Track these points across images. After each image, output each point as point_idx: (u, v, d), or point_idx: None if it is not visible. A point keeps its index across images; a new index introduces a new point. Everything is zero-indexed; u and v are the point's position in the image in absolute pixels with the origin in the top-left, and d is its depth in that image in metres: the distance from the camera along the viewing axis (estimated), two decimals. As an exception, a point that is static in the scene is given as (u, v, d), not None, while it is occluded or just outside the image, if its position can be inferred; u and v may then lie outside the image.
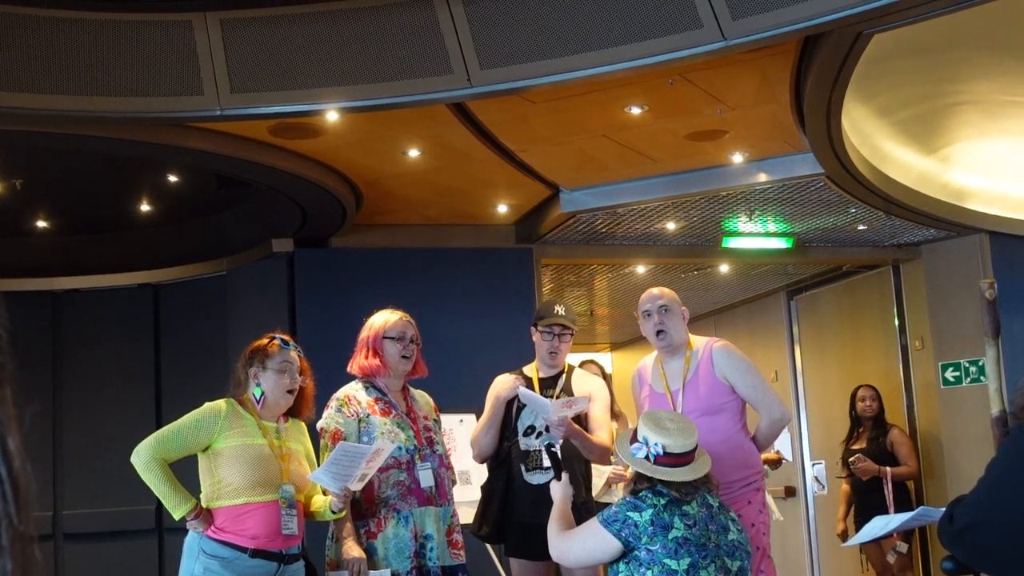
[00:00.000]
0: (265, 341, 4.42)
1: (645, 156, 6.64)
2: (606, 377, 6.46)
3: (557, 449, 4.75)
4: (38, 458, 7.81)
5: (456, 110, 5.74)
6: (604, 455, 5.18)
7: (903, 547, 7.70)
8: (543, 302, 5.44)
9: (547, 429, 5.02)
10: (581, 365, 6.08)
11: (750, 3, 4.71)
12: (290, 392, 4.36)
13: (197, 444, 4.22)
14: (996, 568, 2.47)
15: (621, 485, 6.25)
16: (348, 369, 4.71)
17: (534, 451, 5.05)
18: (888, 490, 7.74)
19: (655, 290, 4.96)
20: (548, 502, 4.79)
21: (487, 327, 7.44)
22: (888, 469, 7.77)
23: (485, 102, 5.59)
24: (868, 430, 8.12)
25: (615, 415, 6.19)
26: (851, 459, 7.87)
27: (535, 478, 5.04)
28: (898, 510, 7.64)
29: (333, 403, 4.63)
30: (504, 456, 5.14)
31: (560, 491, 4.12)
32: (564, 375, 5.23)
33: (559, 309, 5.20)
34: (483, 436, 5.15)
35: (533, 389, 5.15)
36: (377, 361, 4.64)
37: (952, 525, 2.36)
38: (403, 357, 4.65)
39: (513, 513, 5.07)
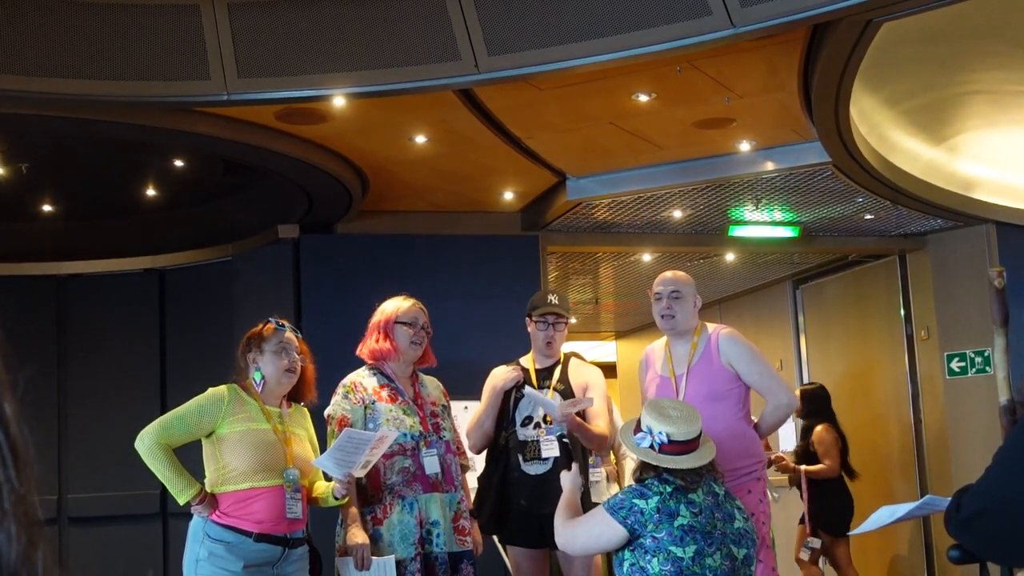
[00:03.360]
0: (260, 326, 4.43)
1: (652, 144, 6.62)
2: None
3: (567, 439, 4.78)
4: (43, 443, 7.84)
5: (463, 96, 5.73)
6: (602, 444, 5.21)
7: (816, 543, 7.75)
8: (537, 293, 5.46)
9: (545, 419, 5.05)
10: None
11: (759, -10, 4.69)
12: (291, 372, 4.36)
13: (200, 430, 4.23)
14: (1004, 556, 2.47)
15: (604, 481, 6.27)
16: (357, 352, 4.71)
17: (532, 441, 5.07)
18: (803, 488, 7.80)
19: (670, 274, 4.97)
20: (545, 492, 4.82)
21: (492, 315, 7.44)
22: (803, 468, 7.82)
23: (492, 88, 5.58)
24: (803, 429, 8.20)
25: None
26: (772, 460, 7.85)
27: (533, 468, 5.06)
28: (818, 508, 7.71)
29: (340, 390, 4.65)
30: (502, 447, 5.16)
31: (570, 480, 4.12)
32: (561, 365, 5.25)
33: (552, 298, 5.23)
34: (480, 427, 5.18)
35: (531, 380, 5.19)
36: (388, 344, 4.65)
37: (959, 513, 2.35)
38: (413, 343, 4.66)
39: (511, 502, 5.09)
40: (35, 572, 0.83)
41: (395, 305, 4.73)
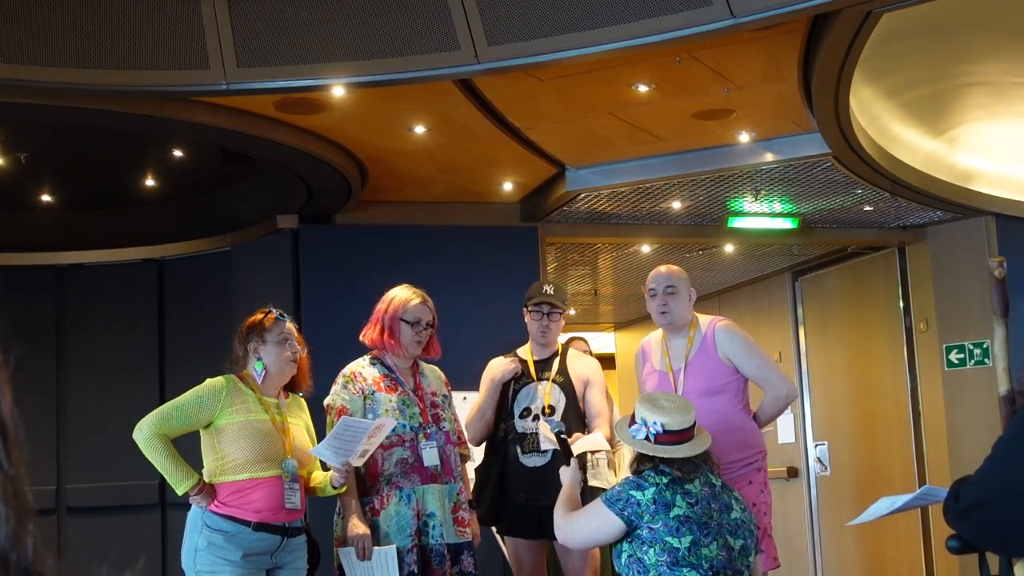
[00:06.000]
0: (260, 315, 4.42)
1: (651, 135, 6.61)
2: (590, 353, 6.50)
3: (566, 435, 4.79)
4: (41, 432, 7.84)
5: (463, 87, 5.73)
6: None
7: None
8: (533, 283, 5.48)
9: (544, 412, 5.07)
10: (569, 342, 6.13)
11: (759, -19, 4.68)
12: (293, 362, 4.36)
13: (199, 421, 4.23)
14: (1002, 546, 2.47)
15: (604, 464, 6.29)
16: (360, 337, 4.70)
17: (530, 434, 5.07)
18: None
19: (664, 269, 4.96)
20: (544, 484, 4.83)
21: (491, 305, 7.43)
22: None
23: (492, 79, 5.57)
24: None
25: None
26: None
27: (531, 460, 5.07)
28: None
29: (340, 379, 4.64)
30: (500, 439, 5.17)
31: (569, 476, 4.13)
32: (558, 357, 5.26)
33: (547, 289, 5.25)
34: (481, 417, 5.18)
35: (528, 371, 5.21)
36: (391, 340, 4.63)
37: (958, 504, 2.36)
38: (415, 341, 4.64)
39: (509, 494, 5.10)
40: (25, 554, 0.82)
41: (402, 300, 4.68)
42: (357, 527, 4.36)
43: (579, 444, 4.78)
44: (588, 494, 4.62)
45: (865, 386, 9.34)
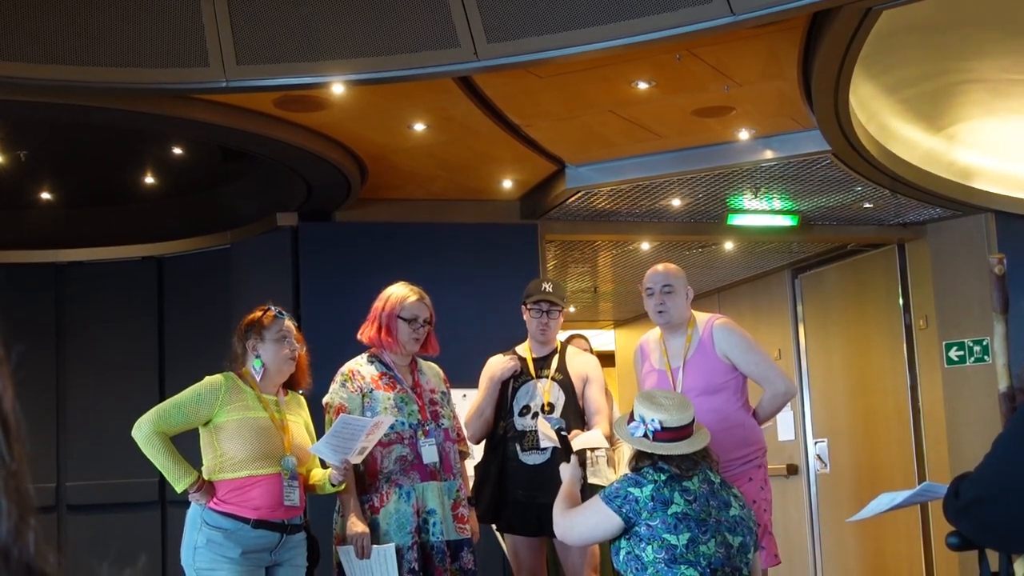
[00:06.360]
0: (259, 313, 4.42)
1: (651, 132, 6.61)
2: (591, 352, 6.50)
3: (566, 433, 4.79)
4: (41, 430, 7.84)
5: (462, 84, 5.72)
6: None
7: None
8: (532, 281, 5.47)
9: (543, 409, 5.07)
10: (569, 340, 6.13)
11: (759, -22, 4.68)
12: (292, 360, 4.36)
13: (198, 418, 4.23)
14: (1002, 543, 2.47)
15: (604, 462, 6.30)
16: (358, 335, 4.70)
17: (530, 432, 5.07)
18: None
19: (660, 268, 4.95)
20: (543, 481, 4.83)
21: (491, 303, 7.43)
22: None
23: (492, 76, 5.56)
24: None
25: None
26: None
27: (530, 458, 5.06)
28: None
29: (338, 378, 4.64)
30: (499, 436, 5.16)
31: (569, 473, 4.13)
32: (557, 354, 5.25)
33: (546, 286, 5.25)
34: (480, 415, 5.18)
35: (527, 369, 5.20)
36: (388, 338, 4.63)
37: (958, 500, 2.36)
38: (412, 339, 4.64)
39: (508, 492, 5.09)
40: (27, 549, 0.82)
41: (399, 297, 4.68)
42: (356, 525, 4.37)
43: (578, 441, 4.77)
44: (587, 491, 4.62)
45: (865, 383, 9.34)
